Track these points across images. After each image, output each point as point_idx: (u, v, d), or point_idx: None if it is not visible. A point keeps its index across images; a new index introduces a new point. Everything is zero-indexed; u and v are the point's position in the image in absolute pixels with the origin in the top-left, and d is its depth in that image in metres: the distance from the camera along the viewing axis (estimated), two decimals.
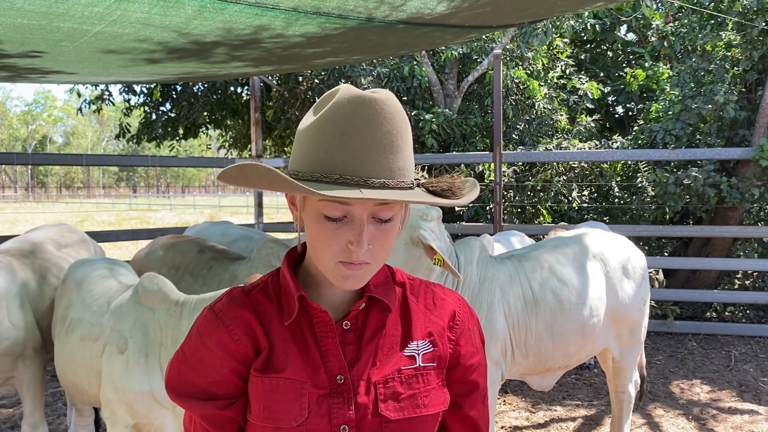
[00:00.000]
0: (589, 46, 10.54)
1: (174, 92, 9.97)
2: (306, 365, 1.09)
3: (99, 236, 5.18)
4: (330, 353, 1.10)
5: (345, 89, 1.04)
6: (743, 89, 7.38)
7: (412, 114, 8.04)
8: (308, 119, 1.06)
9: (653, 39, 8.96)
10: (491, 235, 5.28)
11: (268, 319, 1.12)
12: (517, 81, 8.34)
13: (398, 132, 1.02)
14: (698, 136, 7.16)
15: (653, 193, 7.19)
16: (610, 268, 3.60)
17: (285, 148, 11.27)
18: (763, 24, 6.68)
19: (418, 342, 1.14)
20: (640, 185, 7.45)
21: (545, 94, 8.55)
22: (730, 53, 7.25)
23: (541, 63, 8.71)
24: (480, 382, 1.20)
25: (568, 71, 9.16)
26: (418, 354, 1.14)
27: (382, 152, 1.00)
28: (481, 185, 7.55)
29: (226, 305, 1.13)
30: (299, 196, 1.08)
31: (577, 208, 7.86)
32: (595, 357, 3.96)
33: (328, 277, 1.08)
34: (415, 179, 1.08)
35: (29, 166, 57.20)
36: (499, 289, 3.41)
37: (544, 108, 8.41)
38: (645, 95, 9.30)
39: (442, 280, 3.33)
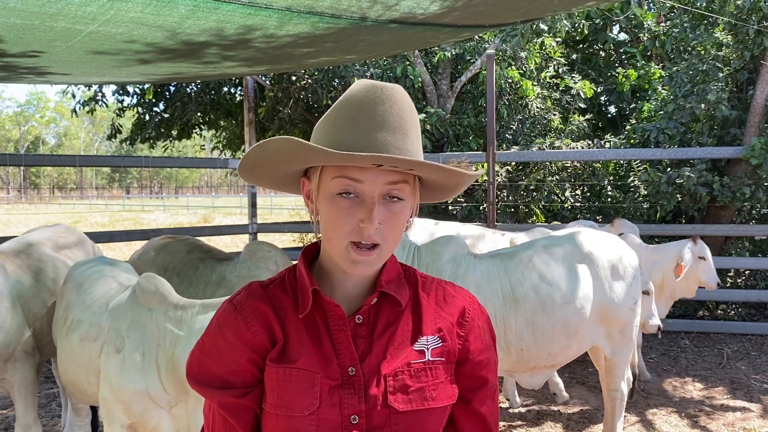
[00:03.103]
0: (581, 46, 10.56)
1: (167, 93, 9.94)
2: (319, 357, 1.13)
3: (92, 237, 5.15)
4: (342, 346, 1.14)
5: (359, 81, 1.12)
6: (734, 88, 7.42)
7: None
8: (327, 111, 1.13)
9: (645, 39, 9.00)
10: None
11: (284, 312, 1.16)
12: (510, 81, 8.36)
13: (406, 117, 1.09)
14: (690, 136, 7.20)
15: (646, 192, 7.23)
16: (599, 267, 3.62)
17: None
18: (755, 24, 6.72)
19: (428, 337, 1.18)
20: (632, 184, 7.48)
21: (538, 93, 8.58)
22: (721, 53, 7.29)
23: (533, 63, 8.73)
24: (490, 378, 1.23)
25: (560, 71, 9.19)
26: (428, 348, 1.17)
27: (392, 132, 1.06)
28: (474, 185, 7.58)
29: (245, 298, 1.18)
30: (314, 185, 1.14)
31: (570, 207, 7.89)
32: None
33: (339, 263, 1.12)
34: None
35: (22, 168, 56.93)
36: (474, 286, 3.46)
37: (537, 108, 8.43)
38: (637, 95, 9.34)
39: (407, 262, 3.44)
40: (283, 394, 1.12)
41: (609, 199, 8.02)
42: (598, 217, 7.87)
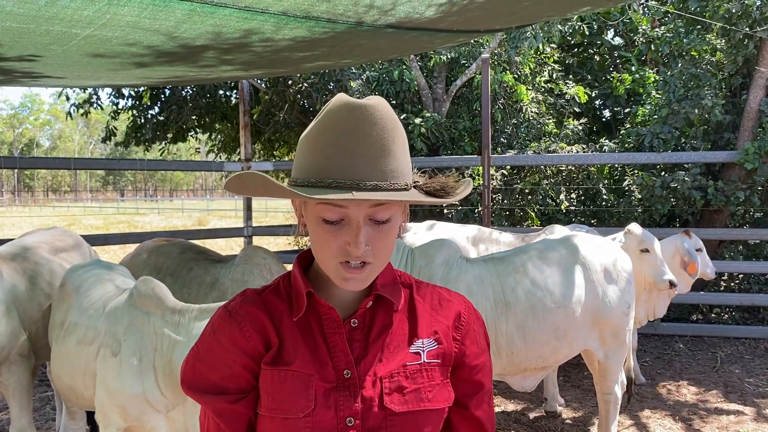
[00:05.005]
0: (576, 50, 10.60)
1: (163, 96, 9.93)
2: (314, 359, 1.13)
3: (87, 240, 5.14)
4: (337, 349, 1.14)
5: (338, 98, 1.09)
6: (728, 93, 7.46)
7: (402, 118, 8.06)
8: (307, 129, 1.11)
9: (640, 43, 9.04)
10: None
11: (279, 317, 1.17)
12: (505, 85, 8.38)
13: (389, 136, 1.06)
14: (684, 140, 7.24)
15: (640, 196, 7.25)
16: (591, 271, 3.64)
17: (274, 152, 11.25)
18: (746, 29, 6.76)
19: (424, 340, 1.18)
20: (627, 188, 7.51)
21: (533, 98, 8.60)
22: (715, 57, 7.33)
23: (528, 67, 8.76)
24: (485, 383, 1.24)
25: (555, 76, 9.22)
26: (423, 351, 1.17)
27: (373, 156, 1.04)
28: None
29: (240, 304, 1.19)
30: (300, 202, 1.14)
31: (564, 210, 7.91)
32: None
33: (331, 278, 1.12)
34: (414, 181, 1.12)
35: (16, 170, 56.69)
36: (465, 290, 3.49)
37: (532, 112, 8.46)
38: (632, 99, 9.38)
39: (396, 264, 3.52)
40: (278, 396, 1.12)
41: (604, 203, 8.04)
42: (592, 221, 7.89)
